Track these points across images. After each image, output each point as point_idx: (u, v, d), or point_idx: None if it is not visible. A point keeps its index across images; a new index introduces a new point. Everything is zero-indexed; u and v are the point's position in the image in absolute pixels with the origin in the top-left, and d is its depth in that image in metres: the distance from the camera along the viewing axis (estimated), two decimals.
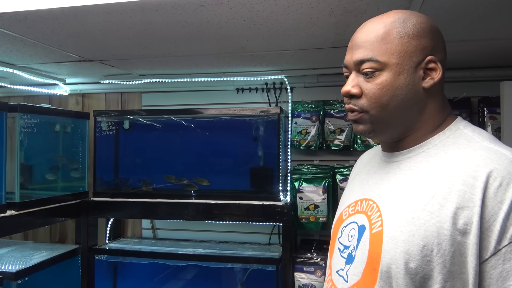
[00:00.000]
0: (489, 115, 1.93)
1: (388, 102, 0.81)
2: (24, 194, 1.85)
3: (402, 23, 0.81)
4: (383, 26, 0.81)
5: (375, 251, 0.78)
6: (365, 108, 0.83)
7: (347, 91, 0.84)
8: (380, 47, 0.80)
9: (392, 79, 0.80)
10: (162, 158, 2.23)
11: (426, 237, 0.72)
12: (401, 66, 0.80)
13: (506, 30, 1.40)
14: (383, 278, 0.76)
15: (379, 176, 0.89)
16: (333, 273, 0.89)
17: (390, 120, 0.83)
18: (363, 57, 0.82)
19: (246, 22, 1.32)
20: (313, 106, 2.11)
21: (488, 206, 0.70)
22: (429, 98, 0.83)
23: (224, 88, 2.30)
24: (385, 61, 0.80)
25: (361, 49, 0.82)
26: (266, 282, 1.95)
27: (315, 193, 1.98)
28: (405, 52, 0.80)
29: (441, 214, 0.72)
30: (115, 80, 2.33)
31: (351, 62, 0.85)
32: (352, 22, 1.32)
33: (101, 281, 2.13)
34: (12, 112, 1.79)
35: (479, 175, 0.72)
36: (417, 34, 0.80)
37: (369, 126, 0.84)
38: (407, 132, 0.85)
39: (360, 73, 0.83)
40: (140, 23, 1.34)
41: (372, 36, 0.82)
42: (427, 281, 0.72)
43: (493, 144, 0.77)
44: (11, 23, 1.33)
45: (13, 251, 2.11)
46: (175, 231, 2.36)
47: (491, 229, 0.69)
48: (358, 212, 0.88)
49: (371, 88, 0.81)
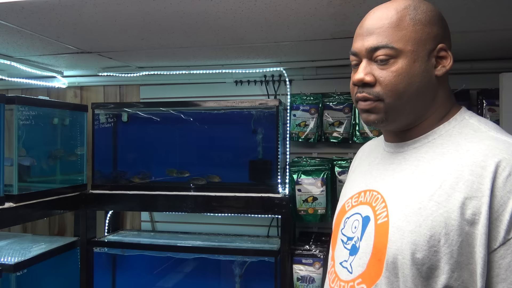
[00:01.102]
0: (488, 107, 1.92)
1: (405, 89, 0.79)
2: (22, 187, 1.85)
3: (414, 10, 0.80)
4: (396, 12, 0.80)
5: (381, 242, 0.77)
6: (381, 96, 0.80)
7: (360, 79, 0.81)
8: (395, 34, 0.78)
9: (408, 66, 0.78)
10: (160, 150, 2.23)
11: (433, 227, 0.72)
12: (416, 53, 0.78)
13: (505, 21, 1.39)
14: (389, 269, 0.75)
15: (383, 167, 0.88)
16: (336, 265, 0.88)
17: (404, 108, 0.81)
18: (377, 44, 0.79)
19: (244, 13, 1.32)
20: (312, 99, 2.10)
21: (497, 196, 0.69)
22: (440, 86, 0.82)
23: (222, 80, 2.29)
24: (401, 48, 0.78)
25: (374, 35, 0.80)
26: (265, 274, 1.95)
27: (314, 185, 1.98)
28: (419, 39, 0.79)
29: (449, 204, 0.72)
30: (113, 72, 2.32)
31: (362, 49, 0.82)
32: (351, 13, 1.31)
33: (100, 273, 2.13)
34: (10, 104, 1.78)
35: (487, 165, 0.71)
36: (429, 21, 0.80)
37: (383, 116, 0.82)
38: (416, 121, 0.84)
39: (372, 61, 0.81)
40: (137, 14, 1.33)
41: (386, 22, 0.80)
42: (434, 271, 0.71)
43: (500, 134, 0.77)
44: (7, 13, 1.32)
45: (12, 243, 2.11)
46: (174, 223, 2.37)
47: (500, 219, 0.69)
48: (362, 203, 0.87)
49: (387, 75, 0.79)
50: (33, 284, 1.87)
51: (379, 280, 0.76)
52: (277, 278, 1.87)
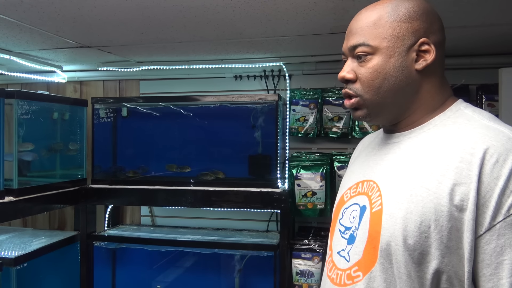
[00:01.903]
0: (487, 102, 1.92)
1: (380, 85, 0.83)
2: (22, 181, 1.85)
3: (395, 8, 0.83)
4: (376, 13, 0.84)
5: (375, 229, 0.79)
6: (359, 92, 0.85)
7: (342, 76, 0.88)
8: (371, 32, 0.83)
9: (383, 62, 0.82)
10: (159, 145, 2.23)
11: (423, 213, 0.73)
12: (392, 49, 0.82)
13: (505, 16, 1.39)
14: (383, 255, 0.77)
15: (379, 157, 0.90)
16: (334, 254, 0.90)
17: (384, 103, 0.84)
18: (356, 43, 0.84)
19: (244, 7, 1.31)
20: (312, 94, 2.10)
21: (484, 182, 0.70)
22: (424, 80, 0.84)
23: (222, 75, 2.29)
24: (376, 45, 0.82)
25: (355, 35, 0.85)
26: (264, 268, 1.96)
27: (313, 180, 1.99)
28: (396, 36, 0.82)
29: (439, 191, 0.73)
30: (112, 67, 2.31)
31: (346, 48, 0.88)
32: (351, 7, 1.31)
33: (100, 267, 2.14)
34: (10, 98, 1.78)
35: (476, 152, 0.73)
36: (409, 17, 0.82)
37: (365, 111, 0.87)
38: (403, 115, 0.86)
39: (355, 59, 0.86)
40: (136, 8, 1.33)
41: (365, 22, 0.84)
42: (425, 257, 0.73)
43: (492, 122, 0.78)
44: (7, 7, 1.32)
45: (13, 237, 2.12)
46: (174, 218, 2.37)
47: (487, 205, 0.70)
48: (360, 193, 0.89)
49: (364, 72, 0.84)
50: (33, 278, 1.88)
51: (374, 267, 0.78)
52: (276, 272, 1.88)
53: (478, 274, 0.71)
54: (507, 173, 0.70)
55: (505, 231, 0.69)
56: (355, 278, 0.81)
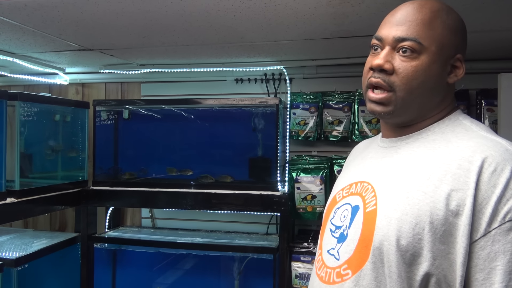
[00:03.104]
0: (487, 107, 1.93)
1: (418, 86, 0.82)
2: (24, 182, 1.86)
3: (446, 15, 0.82)
4: (430, 12, 0.82)
5: (368, 228, 0.80)
6: (394, 87, 0.82)
7: (379, 64, 0.83)
8: (424, 31, 0.81)
9: (427, 65, 0.81)
10: (160, 147, 2.24)
11: (419, 215, 0.74)
12: (437, 55, 0.81)
13: (504, 22, 1.40)
14: (375, 254, 0.78)
15: (376, 160, 0.91)
16: (323, 253, 0.90)
17: (412, 104, 0.84)
18: (406, 35, 0.81)
19: (245, 12, 1.33)
20: (312, 97, 2.11)
21: (481, 190, 0.72)
22: (448, 92, 0.86)
23: (223, 78, 2.30)
24: (426, 45, 0.81)
25: (404, 27, 0.82)
26: (264, 271, 1.97)
27: (313, 183, 1.99)
28: (444, 43, 0.82)
29: (435, 195, 0.74)
30: (114, 69, 2.33)
31: (389, 36, 0.83)
32: (351, 13, 1.32)
33: (100, 269, 2.15)
34: (12, 100, 1.80)
35: (474, 160, 0.74)
36: (455, 29, 0.83)
37: (391, 109, 0.84)
38: (418, 119, 0.87)
39: (395, 50, 0.83)
40: (138, 12, 1.35)
41: (419, 17, 0.82)
42: (417, 258, 0.74)
43: (490, 134, 0.80)
44: (10, 10, 1.34)
45: (14, 238, 2.13)
46: (174, 220, 2.38)
47: (483, 212, 0.71)
48: (353, 194, 0.90)
49: (406, 67, 0.81)
50: (34, 279, 1.89)
51: (364, 265, 0.79)
52: (276, 275, 1.88)
53: (471, 279, 0.72)
54: (504, 182, 0.71)
55: (500, 238, 0.70)
56: (344, 276, 0.82)
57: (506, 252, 0.70)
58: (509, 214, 0.70)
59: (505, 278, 0.69)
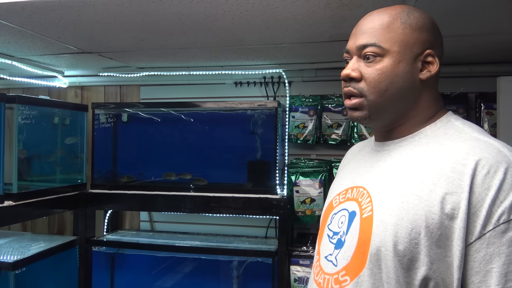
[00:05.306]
0: (486, 111, 1.93)
1: (387, 87, 0.83)
2: (22, 185, 1.86)
3: (407, 15, 0.84)
4: (389, 16, 0.85)
5: (365, 235, 0.80)
6: (364, 92, 0.85)
7: (347, 74, 0.87)
8: (384, 34, 0.83)
9: (392, 66, 0.83)
10: (159, 150, 2.24)
11: (414, 220, 0.74)
12: (401, 54, 0.83)
13: (503, 25, 1.40)
14: (372, 260, 0.78)
15: (370, 164, 0.91)
16: (321, 259, 0.90)
17: (386, 106, 0.85)
18: (366, 42, 0.84)
19: (243, 15, 1.33)
20: (311, 100, 2.11)
21: (475, 192, 0.72)
22: (424, 89, 0.86)
23: (222, 81, 2.30)
24: (387, 47, 0.83)
25: (365, 35, 0.85)
26: (262, 275, 1.96)
27: (312, 186, 1.99)
28: (407, 42, 0.83)
29: (430, 199, 0.74)
30: (113, 72, 2.33)
31: (353, 47, 0.87)
32: (349, 16, 1.32)
33: (98, 272, 2.14)
34: (11, 103, 1.79)
35: (468, 163, 0.74)
36: (419, 27, 0.84)
37: (366, 113, 0.86)
38: (400, 121, 0.88)
39: (361, 58, 0.86)
40: (137, 15, 1.35)
41: (377, 23, 0.85)
42: (414, 263, 0.74)
43: (482, 136, 0.80)
44: (8, 13, 1.34)
45: (11, 241, 2.13)
46: (173, 223, 2.38)
47: (477, 214, 0.71)
48: (349, 199, 0.90)
49: (371, 72, 0.84)
50: (32, 282, 1.88)
51: (362, 271, 0.79)
52: (275, 279, 1.87)
53: (467, 282, 0.72)
54: (497, 184, 0.71)
55: (495, 240, 0.70)
56: (342, 283, 0.82)
57: (501, 254, 0.70)
58: (503, 216, 0.70)
59: (500, 280, 0.69)
